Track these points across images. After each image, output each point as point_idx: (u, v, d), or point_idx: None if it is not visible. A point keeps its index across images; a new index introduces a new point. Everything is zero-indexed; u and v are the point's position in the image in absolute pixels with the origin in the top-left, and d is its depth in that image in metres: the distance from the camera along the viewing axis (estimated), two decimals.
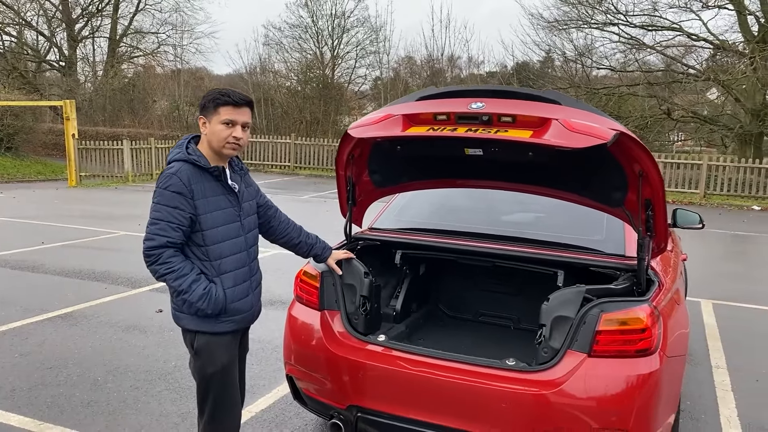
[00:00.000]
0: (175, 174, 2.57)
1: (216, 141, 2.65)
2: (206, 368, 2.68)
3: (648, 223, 3.03)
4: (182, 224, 2.56)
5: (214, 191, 2.66)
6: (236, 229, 2.73)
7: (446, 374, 2.86)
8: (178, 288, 2.58)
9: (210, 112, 2.64)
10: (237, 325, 2.74)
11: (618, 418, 2.67)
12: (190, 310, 2.62)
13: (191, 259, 2.64)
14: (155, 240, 2.54)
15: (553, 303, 2.90)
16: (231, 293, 2.67)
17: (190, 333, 2.69)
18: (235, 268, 2.71)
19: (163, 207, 2.56)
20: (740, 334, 5.85)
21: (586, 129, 2.63)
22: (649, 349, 2.74)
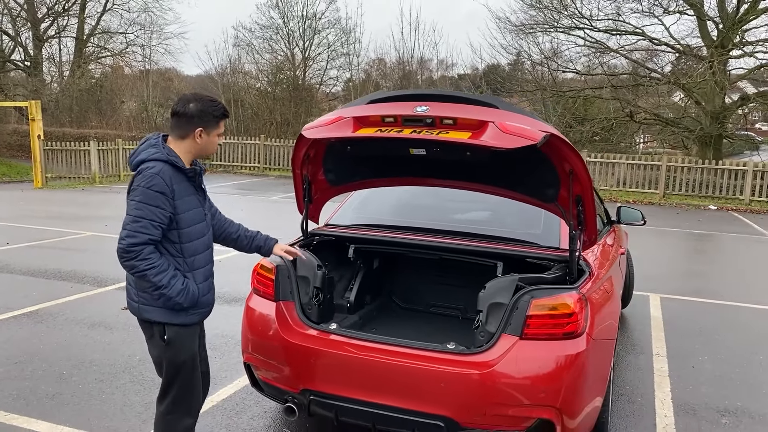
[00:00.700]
0: (158, 174, 2.69)
1: (210, 149, 2.89)
2: (179, 356, 2.86)
3: (579, 217, 3.30)
4: (163, 222, 2.70)
5: (188, 191, 2.83)
6: (204, 228, 2.93)
7: (391, 358, 3.08)
8: (158, 283, 2.70)
9: (212, 125, 2.85)
10: (201, 317, 2.95)
11: (547, 395, 2.92)
12: (167, 304, 2.77)
13: (164, 255, 2.78)
14: (137, 237, 2.65)
15: (488, 291, 3.14)
16: (202, 288, 2.88)
17: (157, 324, 2.83)
18: (204, 265, 2.91)
19: (145, 206, 2.67)
20: (683, 326, 6.18)
21: (519, 131, 2.88)
22: (576, 332, 2.99)
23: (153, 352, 2.94)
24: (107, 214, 12.18)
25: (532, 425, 2.95)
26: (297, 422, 3.85)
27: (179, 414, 2.94)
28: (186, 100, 2.84)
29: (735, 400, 4.47)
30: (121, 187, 17.19)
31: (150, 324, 2.85)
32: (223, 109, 2.88)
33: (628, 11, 24.08)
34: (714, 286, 7.96)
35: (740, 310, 6.89)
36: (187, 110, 2.81)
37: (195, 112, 2.81)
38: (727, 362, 5.21)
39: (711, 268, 9.46)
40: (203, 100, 2.85)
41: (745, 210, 16.63)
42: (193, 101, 2.83)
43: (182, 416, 2.95)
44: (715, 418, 4.17)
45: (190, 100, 2.84)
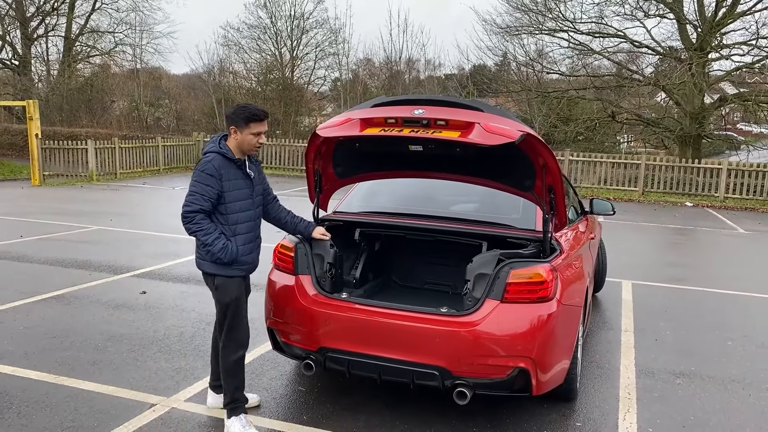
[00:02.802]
0: (210, 162, 3.55)
1: (246, 146, 3.65)
2: (224, 298, 3.67)
3: (551, 203, 3.93)
4: (211, 197, 3.53)
5: (236, 176, 3.63)
6: (249, 204, 3.72)
7: (395, 320, 3.69)
8: (205, 241, 3.54)
9: (241, 125, 3.59)
10: (243, 272, 3.73)
11: (524, 347, 3.54)
12: (212, 259, 3.60)
13: (215, 222, 3.61)
14: (190, 206, 3.52)
15: (475, 263, 3.78)
16: (242, 249, 3.65)
17: (210, 275, 3.68)
18: (246, 232, 3.69)
19: (198, 183, 3.53)
20: (651, 307, 6.84)
21: (500, 130, 3.50)
22: (547, 297, 3.62)
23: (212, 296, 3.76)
24: (110, 210, 12.70)
25: (512, 373, 3.57)
26: (309, 381, 4.45)
27: (232, 347, 3.71)
28: (231, 107, 3.67)
29: (690, 365, 5.12)
30: (119, 185, 17.69)
31: (207, 275, 3.71)
32: (250, 112, 3.60)
33: (610, 14, 24.93)
34: (684, 274, 8.65)
35: (706, 294, 7.58)
36: (228, 114, 3.70)
37: (229, 114, 3.67)
38: (687, 337, 5.87)
39: (683, 258, 10.16)
40: (238, 106, 3.66)
41: (719, 207, 17.42)
42: (232, 107, 3.68)
43: (234, 348, 3.71)
44: (670, 379, 4.81)
45: (232, 106, 3.66)
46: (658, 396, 4.50)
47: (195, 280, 7.24)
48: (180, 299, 6.47)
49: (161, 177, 20.14)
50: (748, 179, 18.15)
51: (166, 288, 6.92)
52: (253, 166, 3.79)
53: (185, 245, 9.25)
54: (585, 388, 4.56)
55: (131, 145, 20.43)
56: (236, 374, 3.73)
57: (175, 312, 6.04)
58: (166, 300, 6.44)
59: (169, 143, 22.34)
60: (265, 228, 3.97)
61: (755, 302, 7.28)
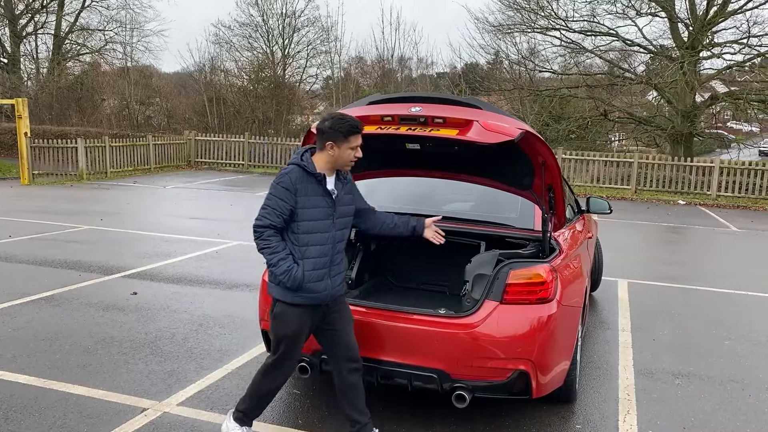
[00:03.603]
0: (287, 174, 3.26)
1: (342, 162, 3.33)
2: (279, 330, 3.36)
3: (550, 203, 3.87)
4: (284, 213, 3.22)
5: (314, 192, 3.29)
6: (325, 225, 3.32)
7: (392, 322, 3.61)
8: (269, 261, 3.25)
9: (340, 140, 3.26)
10: (309, 300, 3.31)
11: (524, 349, 3.48)
12: (275, 280, 3.30)
13: (286, 241, 3.30)
14: (262, 221, 3.24)
15: (474, 263, 3.71)
16: (309, 275, 3.26)
17: (273, 299, 3.38)
18: (317, 256, 3.29)
19: (273, 197, 3.25)
20: (648, 306, 6.80)
21: (499, 128, 3.44)
22: (548, 298, 3.56)
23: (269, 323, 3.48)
24: (101, 210, 12.56)
25: (512, 376, 3.50)
26: (305, 384, 4.38)
27: (273, 374, 3.45)
28: (324, 118, 3.33)
29: (688, 366, 5.08)
30: (110, 184, 17.53)
31: (273, 299, 3.40)
32: (350, 126, 3.27)
33: (602, 13, 24.93)
34: (679, 273, 8.62)
35: (702, 293, 7.54)
36: (322, 127, 3.31)
37: (326, 129, 3.29)
38: (684, 336, 5.83)
39: (678, 257, 10.14)
40: (334, 118, 3.30)
41: (711, 205, 17.45)
42: (328, 119, 3.31)
43: (274, 378, 3.46)
44: (669, 380, 4.77)
45: (326, 118, 3.33)
46: (658, 397, 4.45)
47: (186, 281, 7.14)
48: (171, 300, 6.37)
49: (152, 176, 19.97)
50: (740, 177, 18.18)
51: (157, 289, 6.82)
52: (339, 183, 3.41)
53: (176, 245, 9.15)
54: (584, 389, 4.50)
55: (122, 144, 20.25)
56: (266, 395, 3.51)
57: (167, 313, 5.94)
58: (158, 301, 6.34)
59: (160, 142, 22.15)
60: None
61: (751, 301, 7.25)
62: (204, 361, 4.77)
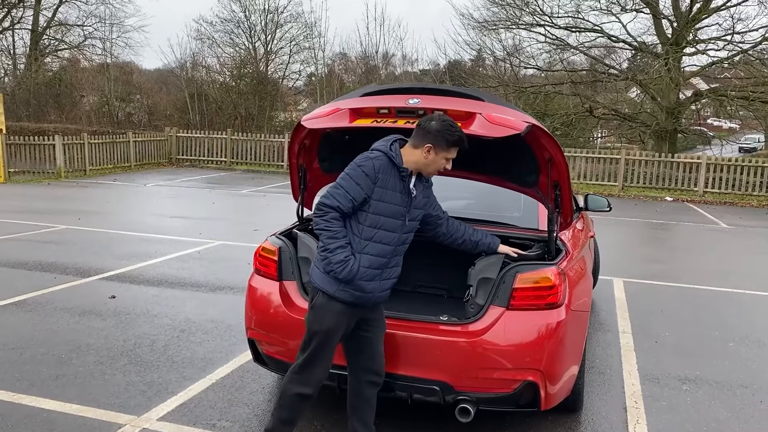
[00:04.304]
0: (372, 159, 3.01)
1: (431, 169, 3.12)
2: (314, 324, 3.07)
3: (556, 201, 3.62)
4: (356, 199, 2.96)
5: (394, 186, 3.04)
6: (396, 225, 3.07)
7: (389, 329, 3.35)
8: (327, 246, 2.97)
9: (442, 147, 3.03)
10: (352, 298, 3.03)
11: (532, 359, 3.23)
12: (326, 268, 2.99)
13: (348, 229, 3.02)
14: (329, 200, 2.96)
15: (478, 267, 3.45)
16: (362, 272, 3.00)
17: (314, 288, 3.10)
18: (376, 255, 3.04)
19: (349, 178, 2.98)
20: (646, 306, 6.61)
21: (505, 121, 3.18)
22: (557, 303, 3.31)
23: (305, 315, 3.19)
24: (79, 208, 12.15)
25: (519, 387, 3.26)
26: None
27: (300, 378, 3.12)
28: (430, 117, 3.08)
29: (694, 369, 4.88)
30: (89, 182, 17.07)
31: (312, 286, 3.12)
32: (459, 137, 3.04)
33: (587, 9, 24.94)
34: (673, 271, 8.46)
35: (699, 292, 7.38)
36: (427, 126, 3.05)
37: (432, 129, 3.04)
38: (687, 338, 5.63)
39: (670, 254, 9.99)
40: (445, 123, 3.05)
41: (699, 201, 17.41)
42: (436, 120, 3.05)
43: (301, 382, 3.12)
44: (677, 386, 4.56)
45: (434, 119, 3.06)
46: (667, 405, 4.23)
47: (167, 283, 6.82)
48: (152, 304, 6.06)
49: (132, 173, 19.52)
50: (726, 174, 18.16)
51: (137, 292, 6.50)
52: (420, 185, 3.18)
53: (157, 245, 8.81)
54: (589, 397, 4.27)
55: (101, 141, 19.77)
56: (291, 408, 3.16)
57: (147, 318, 5.63)
58: (137, 305, 6.02)
59: (140, 139, 21.68)
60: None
61: (749, 300, 7.09)
62: (186, 371, 4.48)
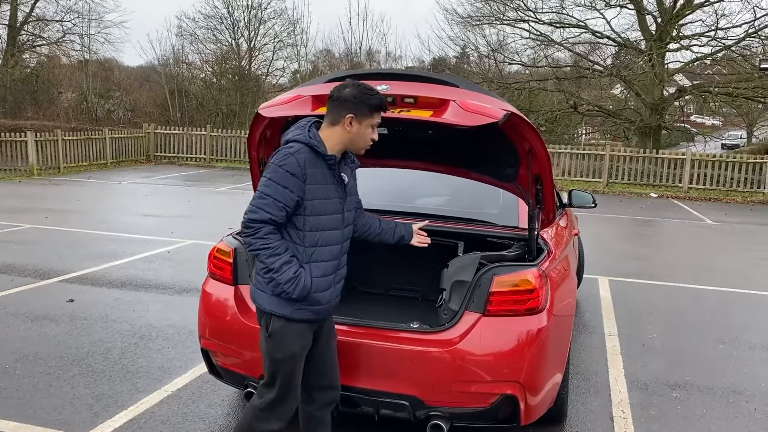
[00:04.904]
0: (293, 155, 2.56)
1: (362, 142, 2.69)
2: (276, 353, 2.67)
3: (537, 196, 3.33)
4: (288, 205, 2.55)
5: (325, 179, 2.64)
6: (337, 221, 2.72)
7: (354, 338, 3.04)
8: (270, 265, 2.56)
9: (364, 114, 2.62)
10: (313, 315, 2.69)
11: (510, 370, 2.94)
12: (275, 291, 2.61)
13: (287, 240, 2.62)
14: (258, 213, 2.53)
15: (452, 268, 3.14)
16: (316, 283, 2.64)
17: (266, 314, 2.68)
18: (326, 260, 2.69)
19: (274, 184, 2.54)
20: (632, 306, 6.36)
21: (480, 109, 2.88)
22: (537, 308, 3.02)
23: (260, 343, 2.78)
24: (48, 207, 11.72)
25: (496, 401, 2.96)
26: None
27: (270, 416, 2.73)
28: (342, 85, 2.66)
29: (684, 375, 4.62)
30: (62, 180, 16.58)
31: (261, 312, 2.72)
32: (380, 100, 2.65)
33: (571, 5, 24.56)
34: (660, 269, 8.22)
35: (686, 291, 7.14)
36: (341, 94, 2.63)
37: (348, 97, 2.62)
38: (675, 340, 5.38)
39: (656, 251, 9.77)
40: (359, 87, 2.64)
41: (684, 197, 17.26)
42: (350, 86, 2.64)
43: (271, 418, 2.73)
44: (666, 392, 4.29)
45: (347, 84, 2.65)
46: (656, 414, 3.96)
47: (131, 285, 6.46)
48: (112, 308, 5.70)
49: (108, 171, 19.02)
50: (711, 170, 18.04)
51: (97, 295, 6.13)
52: (348, 169, 2.79)
53: (125, 245, 8.43)
54: (574, 406, 3.99)
55: (76, 138, 19.23)
56: None
57: (105, 324, 5.27)
58: (96, 309, 5.66)
59: (117, 135, 21.15)
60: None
61: (737, 298, 6.87)
62: (140, 382, 4.14)
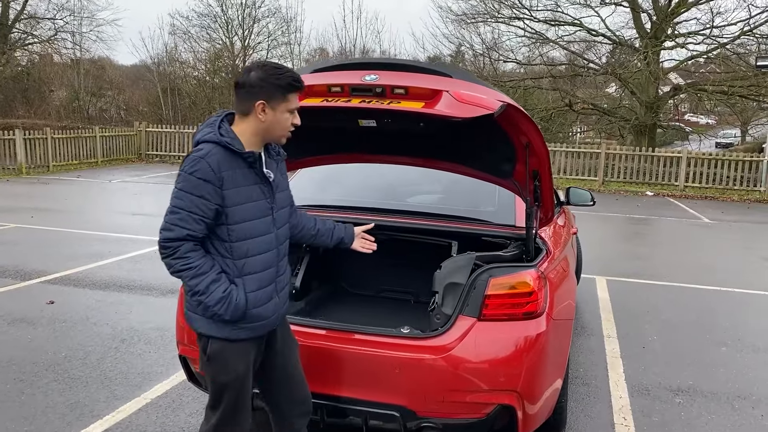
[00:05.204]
0: (203, 158, 2.25)
1: (280, 130, 2.39)
2: (220, 376, 2.42)
3: (536, 193, 3.14)
4: (206, 216, 2.26)
5: (246, 180, 2.35)
6: (267, 225, 2.43)
7: (341, 345, 2.86)
8: (194, 288, 2.28)
9: (276, 98, 2.32)
10: (255, 332, 2.44)
11: (507, 379, 2.75)
12: (205, 314, 2.35)
13: (213, 255, 2.34)
14: (174, 231, 2.24)
15: (445, 270, 2.95)
16: (253, 297, 2.37)
17: (203, 337, 2.42)
18: (261, 269, 2.41)
19: (186, 194, 2.24)
20: (631, 307, 6.19)
21: (475, 100, 2.69)
22: (536, 312, 2.84)
23: (201, 366, 2.54)
24: (34, 206, 11.49)
25: (492, 412, 2.78)
26: None
27: None
28: (248, 68, 2.37)
29: (686, 378, 4.45)
30: (50, 179, 16.32)
31: (198, 335, 2.45)
32: (291, 79, 2.33)
33: (566, 2, 24.44)
34: (658, 268, 8.06)
35: (685, 290, 6.97)
36: (248, 80, 2.32)
37: (255, 82, 2.31)
38: (676, 342, 5.21)
39: (653, 250, 9.61)
40: (266, 68, 2.35)
41: (680, 196, 17.12)
42: (255, 69, 2.34)
43: None
44: (669, 398, 4.12)
45: (252, 68, 2.36)
46: (659, 421, 3.79)
47: (116, 286, 6.26)
48: (94, 310, 5.49)
49: (99, 170, 18.75)
50: (707, 168, 17.92)
51: (79, 296, 5.92)
52: (273, 163, 2.50)
53: (111, 245, 8.21)
54: (573, 413, 3.82)
55: (65, 136, 18.97)
56: None
57: (85, 327, 5.07)
58: (77, 311, 5.45)
59: (108, 134, 20.90)
60: None
61: (738, 298, 6.71)
62: (118, 389, 3.94)
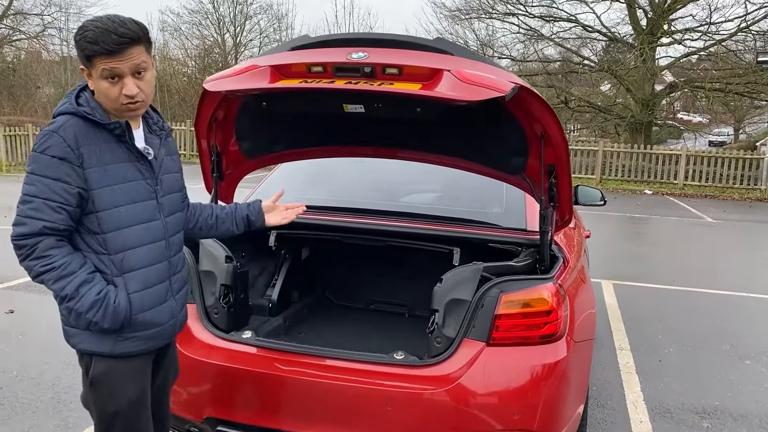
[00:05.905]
0: (55, 132, 1.81)
1: (107, 101, 1.89)
2: (106, 405, 1.96)
3: (551, 192, 2.68)
4: (66, 203, 1.81)
5: (115, 157, 1.90)
6: (150, 210, 1.99)
7: (323, 374, 2.39)
8: (61, 293, 1.84)
9: (86, 64, 1.86)
10: (147, 343, 1.99)
11: (521, 416, 2.29)
12: (79, 323, 1.89)
13: (84, 252, 1.90)
14: (27, 225, 1.80)
15: (446, 284, 2.48)
16: (138, 299, 1.93)
17: (85, 355, 1.97)
18: (147, 265, 1.97)
19: (39, 178, 1.80)
20: (641, 314, 5.75)
21: (483, 80, 2.22)
22: (555, 334, 2.37)
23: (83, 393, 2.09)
24: (10, 204, 10.92)
25: None
26: None
27: None
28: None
29: (711, 398, 4.00)
30: None
31: (79, 353, 2.00)
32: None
33: None
34: (665, 271, 7.63)
35: (697, 295, 6.56)
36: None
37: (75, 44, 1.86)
38: (693, 355, 4.77)
39: (658, 251, 9.19)
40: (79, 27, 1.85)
41: (679, 194, 16.77)
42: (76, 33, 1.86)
43: None
44: (695, 422, 3.67)
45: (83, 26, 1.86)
46: None
47: None
48: (57, 322, 4.93)
49: None
50: (706, 166, 17.57)
51: (44, 304, 5.40)
52: (155, 139, 2.05)
53: None
54: None
55: None
56: None
57: (47, 339, 4.57)
58: (39, 321, 4.96)
59: None
60: None
61: (754, 304, 6.28)
62: (71, 416, 3.45)
